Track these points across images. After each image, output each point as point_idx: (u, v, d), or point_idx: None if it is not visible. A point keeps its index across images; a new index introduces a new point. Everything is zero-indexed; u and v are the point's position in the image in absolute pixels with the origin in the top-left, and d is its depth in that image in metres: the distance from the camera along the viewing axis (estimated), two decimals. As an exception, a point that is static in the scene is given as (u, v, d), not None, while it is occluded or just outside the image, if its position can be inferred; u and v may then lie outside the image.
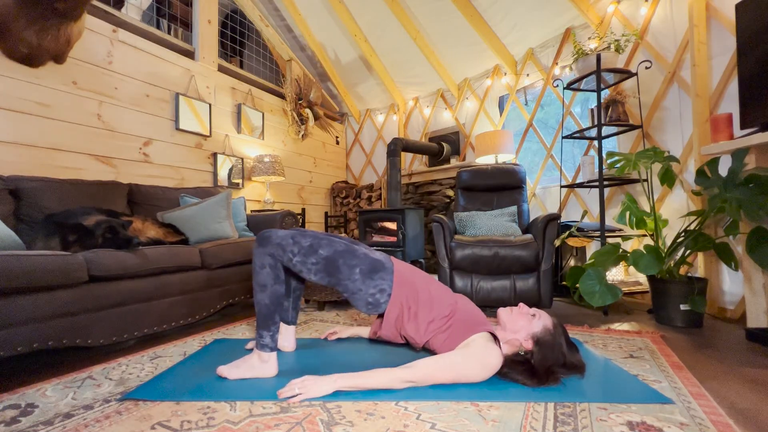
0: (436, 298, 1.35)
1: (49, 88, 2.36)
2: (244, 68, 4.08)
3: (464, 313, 1.33)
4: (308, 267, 1.31)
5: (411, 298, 1.34)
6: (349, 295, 1.34)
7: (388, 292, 1.31)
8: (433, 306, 1.33)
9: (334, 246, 1.34)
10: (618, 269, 2.74)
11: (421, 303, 1.33)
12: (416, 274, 1.42)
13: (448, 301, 1.37)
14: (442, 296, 1.38)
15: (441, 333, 1.30)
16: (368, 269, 1.31)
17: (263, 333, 1.31)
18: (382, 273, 1.33)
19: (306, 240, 1.33)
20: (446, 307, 1.34)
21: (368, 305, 1.32)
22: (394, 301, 1.31)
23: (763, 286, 1.77)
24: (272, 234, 1.35)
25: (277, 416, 1.03)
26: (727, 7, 2.23)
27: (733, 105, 2.14)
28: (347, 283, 1.31)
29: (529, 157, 3.75)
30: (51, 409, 1.08)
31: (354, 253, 1.33)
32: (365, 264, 1.32)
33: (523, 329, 1.28)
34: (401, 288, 1.34)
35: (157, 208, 2.44)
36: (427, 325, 1.30)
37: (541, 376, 1.20)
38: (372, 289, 1.31)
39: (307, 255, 1.31)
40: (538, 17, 3.24)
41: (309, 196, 4.63)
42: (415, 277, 1.39)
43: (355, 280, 1.30)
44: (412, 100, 4.63)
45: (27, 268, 1.29)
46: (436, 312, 1.32)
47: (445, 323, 1.30)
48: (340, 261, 1.31)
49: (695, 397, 1.12)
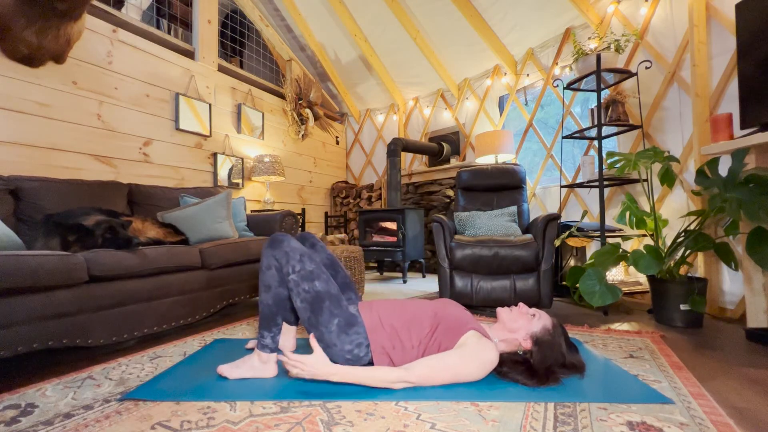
0: (412, 321, 1.32)
1: (49, 88, 2.36)
2: (244, 68, 4.08)
3: (445, 320, 1.31)
4: (298, 290, 1.28)
5: (390, 337, 1.29)
6: (324, 347, 1.27)
7: (365, 343, 1.27)
8: (411, 332, 1.29)
9: (330, 287, 1.30)
10: (618, 269, 2.74)
11: (400, 335, 1.29)
12: (381, 310, 1.37)
13: (427, 317, 1.33)
14: (417, 315, 1.34)
15: (431, 348, 1.28)
16: (345, 323, 1.27)
17: (265, 333, 1.31)
18: (356, 327, 1.28)
19: (311, 265, 1.31)
20: (426, 324, 1.31)
21: (348, 361, 1.27)
22: (375, 350, 1.27)
23: (763, 286, 1.77)
24: (285, 241, 1.34)
25: (277, 416, 1.03)
26: (727, 7, 2.23)
27: (733, 105, 2.14)
28: (323, 330, 1.26)
29: (529, 157, 3.75)
30: (51, 409, 1.08)
31: (339, 304, 1.29)
32: (343, 317, 1.28)
33: (522, 329, 1.28)
34: (375, 334, 1.29)
35: (157, 208, 2.44)
36: (417, 347, 1.28)
37: (540, 376, 1.19)
38: (348, 345, 1.25)
39: (303, 279, 1.28)
40: (538, 17, 3.24)
41: (309, 196, 4.63)
42: (381, 313, 1.35)
43: (332, 331, 1.25)
44: (412, 100, 4.63)
45: (27, 268, 1.29)
46: (416, 334, 1.29)
47: (429, 339, 1.28)
48: (326, 303, 1.27)
49: (695, 397, 1.12)
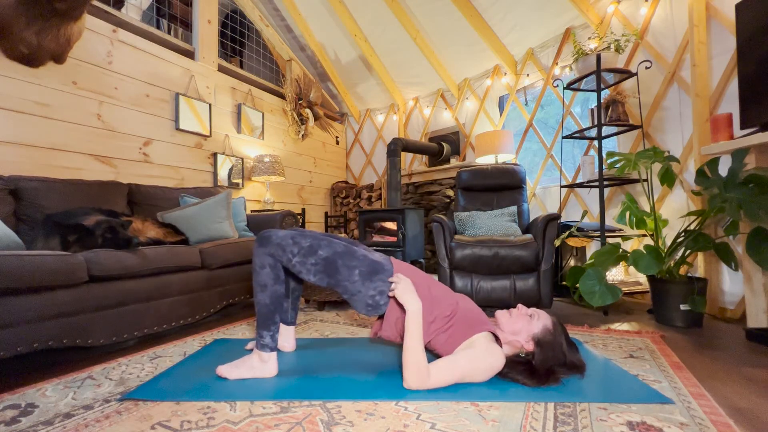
0: (437, 298, 1.35)
1: (49, 88, 2.36)
2: (244, 68, 4.08)
3: (465, 312, 1.33)
4: (307, 267, 1.31)
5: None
6: (348, 297, 1.33)
7: (387, 293, 1.31)
8: (433, 306, 1.32)
9: (334, 247, 1.33)
10: (618, 269, 2.74)
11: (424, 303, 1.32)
12: (416, 275, 1.41)
13: (449, 301, 1.36)
14: (443, 296, 1.38)
15: (442, 333, 1.30)
16: (367, 271, 1.31)
17: (263, 333, 1.31)
18: (381, 275, 1.32)
19: (306, 240, 1.33)
20: (447, 307, 1.34)
21: (368, 307, 1.32)
22: (393, 303, 1.31)
23: (763, 286, 1.77)
24: (272, 234, 1.35)
25: (277, 416, 1.03)
26: (727, 7, 2.23)
27: (733, 105, 2.14)
28: (346, 284, 1.31)
29: (529, 157, 3.75)
30: (51, 409, 1.08)
31: (353, 255, 1.33)
32: (364, 265, 1.32)
33: (523, 331, 1.28)
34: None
35: (157, 208, 2.44)
36: (428, 325, 1.30)
37: (541, 376, 1.20)
38: (371, 291, 1.30)
39: (306, 255, 1.31)
40: (538, 17, 3.24)
41: (309, 196, 4.63)
42: (415, 277, 1.39)
43: (354, 281, 1.30)
44: (412, 100, 4.62)
45: (27, 268, 1.29)
46: (437, 312, 1.32)
47: (446, 323, 1.30)
48: (339, 262, 1.31)
49: (695, 397, 1.12)
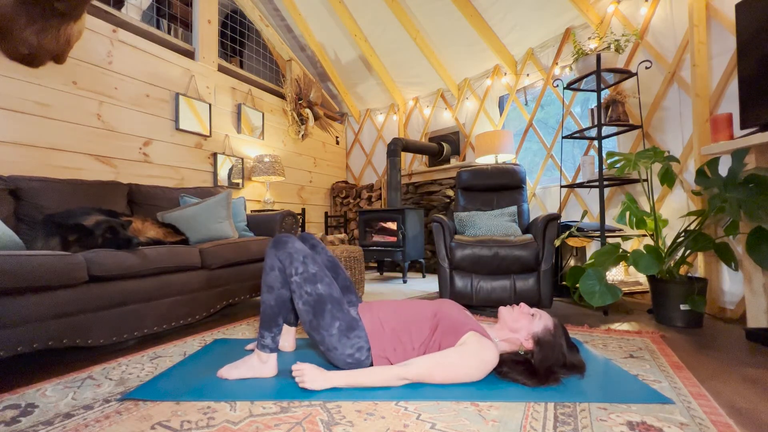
0: (412, 324, 1.32)
1: (49, 88, 2.36)
2: (244, 68, 4.08)
3: (445, 321, 1.31)
4: (301, 293, 1.29)
5: (388, 340, 1.30)
6: (325, 350, 1.29)
7: (366, 347, 1.28)
8: (411, 334, 1.30)
9: (332, 290, 1.31)
10: (618, 269, 2.74)
11: (401, 338, 1.30)
12: (382, 311, 1.37)
13: (425, 318, 1.33)
14: (417, 318, 1.34)
15: (431, 348, 1.28)
16: (346, 327, 1.28)
17: (265, 334, 1.31)
18: (357, 331, 1.29)
19: (313, 267, 1.31)
20: (425, 327, 1.31)
21: (349, 365, 1.28)
22: (376, 356, 1.28)
23: (763, 286, 1.77)
24: (290, 242, 1.34)
25: (277, 416, 1.03)
26: (727, 7, 2.23)
27: (733, 105, 2.14)
28: (324, 335, 1.27)
29: (529, 157, 3.75)
30: (51, 409, 1.08)
31: (341, 307, 1.30)
32: (345, 321, 1.28)
33: (524, 329, 1.28)
34: (376, 338, 1.29)
35: (157, 208, 2.44)
36: (418, 348, 1.28)
37: (541, 376, 1.20)
38: (349, 349, 1.26)
39: (306, 281, 1.29)
40: (538, 17, 3.24)
41: (309, 196, 4.63)
42: (381, 315, 1.35)
43: (332, 334, 1.26)
44: (412, 100, 4.63)
45: (27, 268, 1.29)
46: (417, 337, 1.30)
47: (429, 341, 1.29)
48: (328, 306, 1.28)
49: (695, 397, 1.12)
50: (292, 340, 1.60)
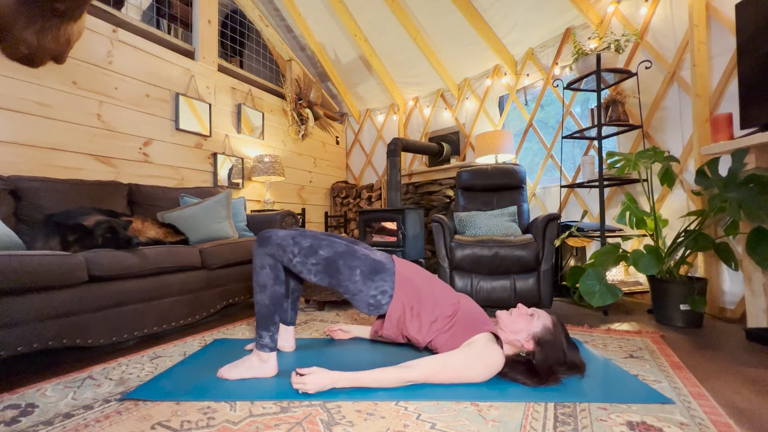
0: (439, 298, 1.35)
1: (49, 88, 2.36)
2: (244, 68, 4.08)
3: (467, 312, 1.33)
4: (308, 268, 1.31)
5: (413, 298, 1.33)
6: (350, 296, 1.33)
7: (389, 293, 1.31)
8: (435, 306, 1.32)
9: (335, 247, 1.33)
10: (618, 269, 2.74)
11: (424, 303, 1.32)
12: (419, 274, 1.41)
13: (451, 301, 1.36)
14: (445, 295, 1.38)
15: (444, 333, 1.29)
16: (369, 270, 1.31)
17: (263, 333, 1.31)
18: (383, 274, 1.32)
19: (306, 240, 1.33)
20: (449, 306, 1.33)
21: (369, 306, 1.32)
22: (395, 302, 1.31)
23: (763, 286, 1.77)
24: (272, 234, 1.35)
25: (277, 416, 1.03)
26: (727, 7, 2.23)
27: (733, 105, 2.14)
28: (348, 284, 1.30)
29: (529, 157, 3.75)
30: (51, 409, 1.08)
31: (354, 254, 1.33)
32: (366, 265, 1.31)
33: (524, 330, 1.29)
34: (403, 289, 1.33)
35: (157, 208, 2.44)
36: (429, 324, 1.30)
37: (541, 376, 1.20)
38: (373, 290, 1.30)
39: (307, 256, 1.31)
40: (538, 17, 3.24)
41: (309, 196, 4.63)
42: (417, 276, 1.39)
43: (356, 281, 1.29)
44: (412, 100, 4.62)
45: (27, 268, 1.29)
46: (439, 311, 1.31)
47: (447, 323, 1.30)
48: (340, 262, 1.31)
49: (695, 397, 1.12)
50: (291, 340, 1.60)
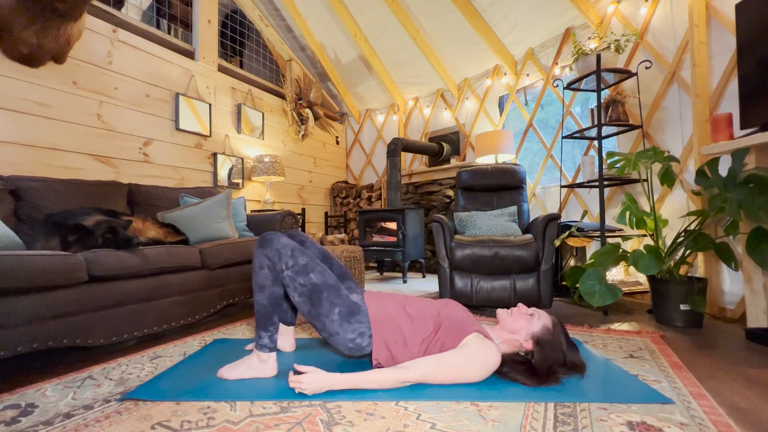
0: (417, 318, 1.33)
1: (49, 88, 2.36)
2: (244, 68, 4.08)
3: (449, 321, 1.31)
4: (295, 285, 1.29)
5: (394, 331, 1.30)
6: (327, 336, 1.30)
7: (368, 333, 1.28)
8: (416, 329, 1.30)
9: (326, 277, 1.31)
10: (618, 269, 2.74)
11: (405, 330, 1.30)
12: (388, 303, 1.38)
13: (430, 316, 1.34)
14: (422, 314, 1.35)
15: (433, 346, 1.28)
16: (347, 312, 1.28)
17: (262, 333, 1.31)
18: (359, 316, 1.29)
19: (303, 259, 1.31)
20: (430, 323, 1.31)
21: (351, 349, 1.29)
22: (377, 344, 1.28)
23: (763, 286, 1.77)
24: (275, 239, 1.34)
25: (277, 416, 1.03)
26: (727, 7, 2.23)
27: (733, 105, 2.14)
28: (325, 321, 1.27)
29: (529, 157, 3.75)
30: (51, 409, 1.08)
31: (339, 293, 1.30)
32: (345, 306, 1.28)
33: (523, 329, 1.28)
34: (379, 327, 1.29)
35: (157, 208, 2.44)
36: (419, 345, 1.29)
37: (541, 376, 1.20)
38: (350, 333, 1.27)
39: (298, 273, 1.29)
40: (538, 17, 3.24)
41: (309, 196, 4.63)
42: (389, 307, 1.36)
43: (333, 320, 1.27)
44: (412, 100, 4.62)
45: (27, 268, 1.29)
46: (421, 333, 1.30)
47: (433, 338, 1.29)
48: (325, 294, 1.28)
49: (695, 397, 1.12)
50: (291, 340, 1.60)
